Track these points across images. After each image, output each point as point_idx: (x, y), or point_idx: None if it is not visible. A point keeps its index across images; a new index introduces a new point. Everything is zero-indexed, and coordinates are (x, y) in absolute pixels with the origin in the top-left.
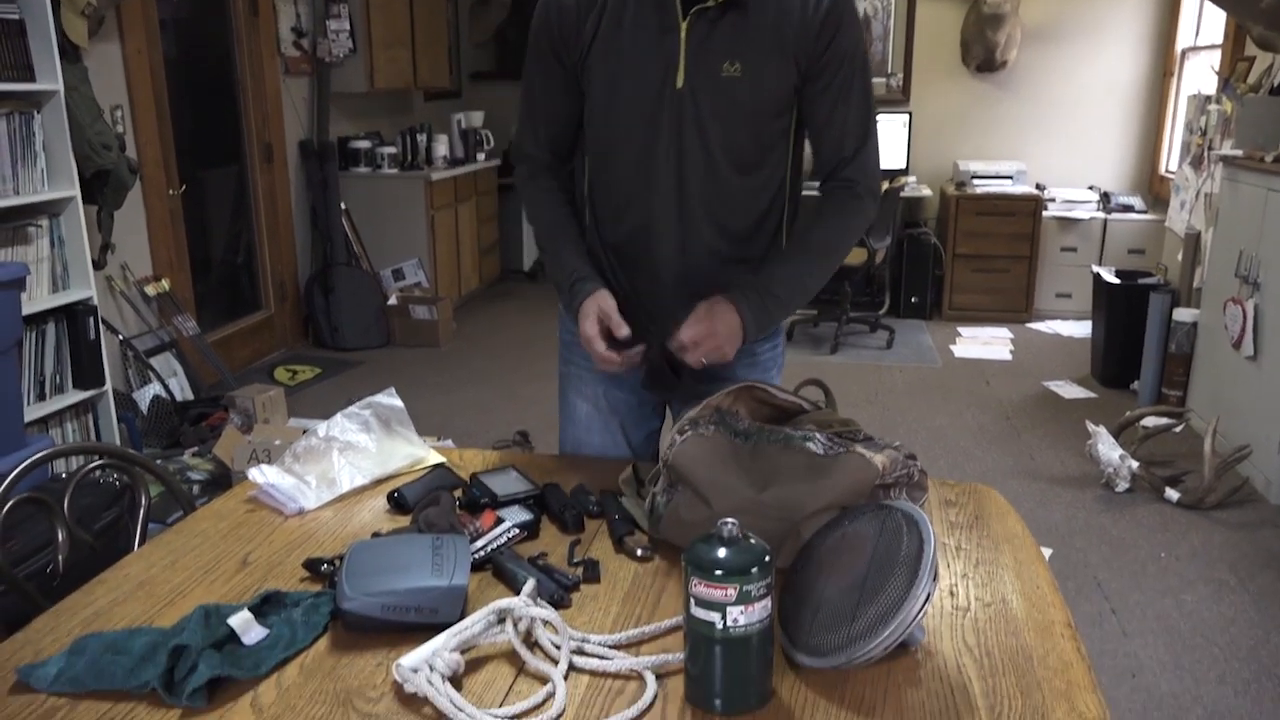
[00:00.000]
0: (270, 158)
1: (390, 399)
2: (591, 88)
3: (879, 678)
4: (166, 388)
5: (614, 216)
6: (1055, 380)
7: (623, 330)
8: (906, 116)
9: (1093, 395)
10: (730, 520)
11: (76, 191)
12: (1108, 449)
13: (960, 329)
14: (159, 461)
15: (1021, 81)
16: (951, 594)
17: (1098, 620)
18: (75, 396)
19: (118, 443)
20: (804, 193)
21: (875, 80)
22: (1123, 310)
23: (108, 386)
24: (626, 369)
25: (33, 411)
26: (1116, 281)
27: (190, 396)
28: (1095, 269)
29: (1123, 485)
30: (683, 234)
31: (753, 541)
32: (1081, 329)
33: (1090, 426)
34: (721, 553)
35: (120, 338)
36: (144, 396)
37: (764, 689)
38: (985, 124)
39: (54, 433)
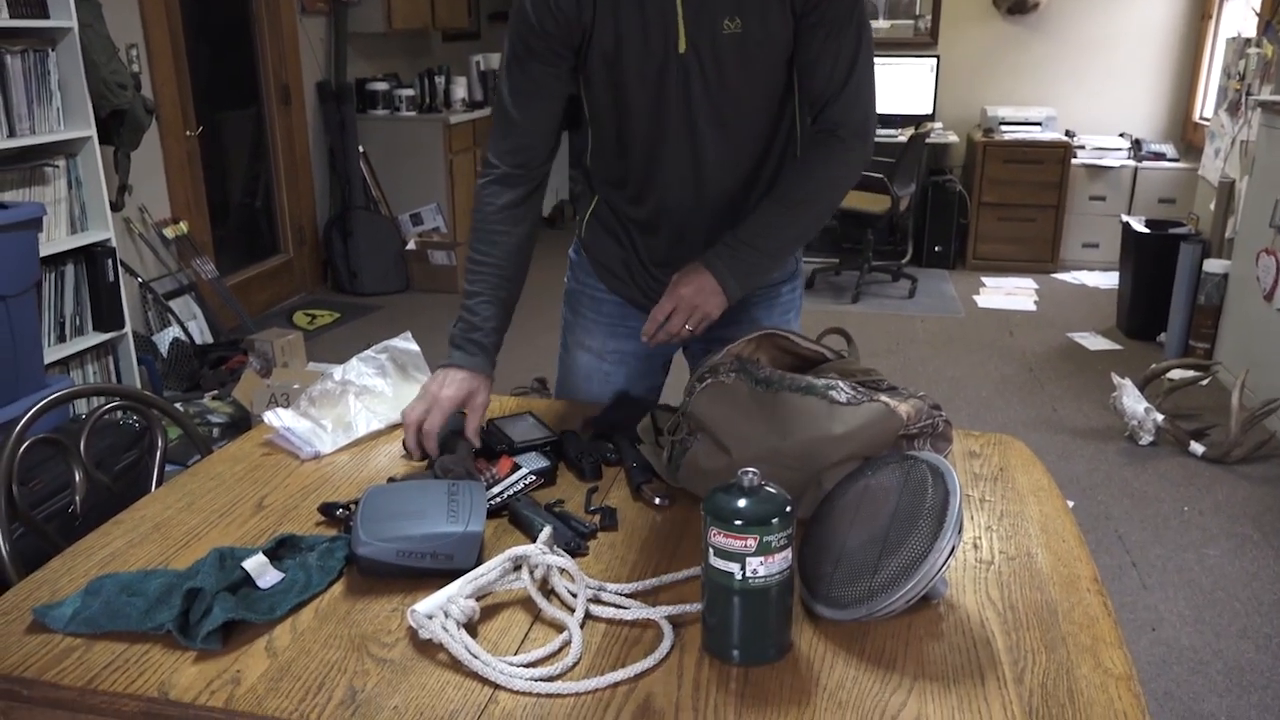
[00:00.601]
0: (288, 99)
1: (406, 343)
2: (593, 70)
3: (900, 631)
4: (186, 331)
5: (627, 191)
6: (1080, 332)
7: (432, 448)
8: (934, 60)
9: (1118, 347)
10: (751, 470)
11: (93, 131)
12: (1132, 401)
13: (984, 279)
14: (178, 405)
15: (1053, 24)
16: (975, 547)
17: (1118, 573)
18: (95, 338)
19: (138, 385)
20: None
21: (902, 22)
22: (1151, 261)
23: (127, 329)
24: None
25: (53, 353)
26: (1146, 231)
27: (210, 340)
28: (1124, 218)
29: (1147, 438)
30: (701, 195)
31: (773, 491)
32: (1108, 280)
33: (1115, 379)
34: (742, 502)
35: (139, 280)
36: (164, 339)
37: (782, 641)
38: (1015, 68)
39: (75, 374)
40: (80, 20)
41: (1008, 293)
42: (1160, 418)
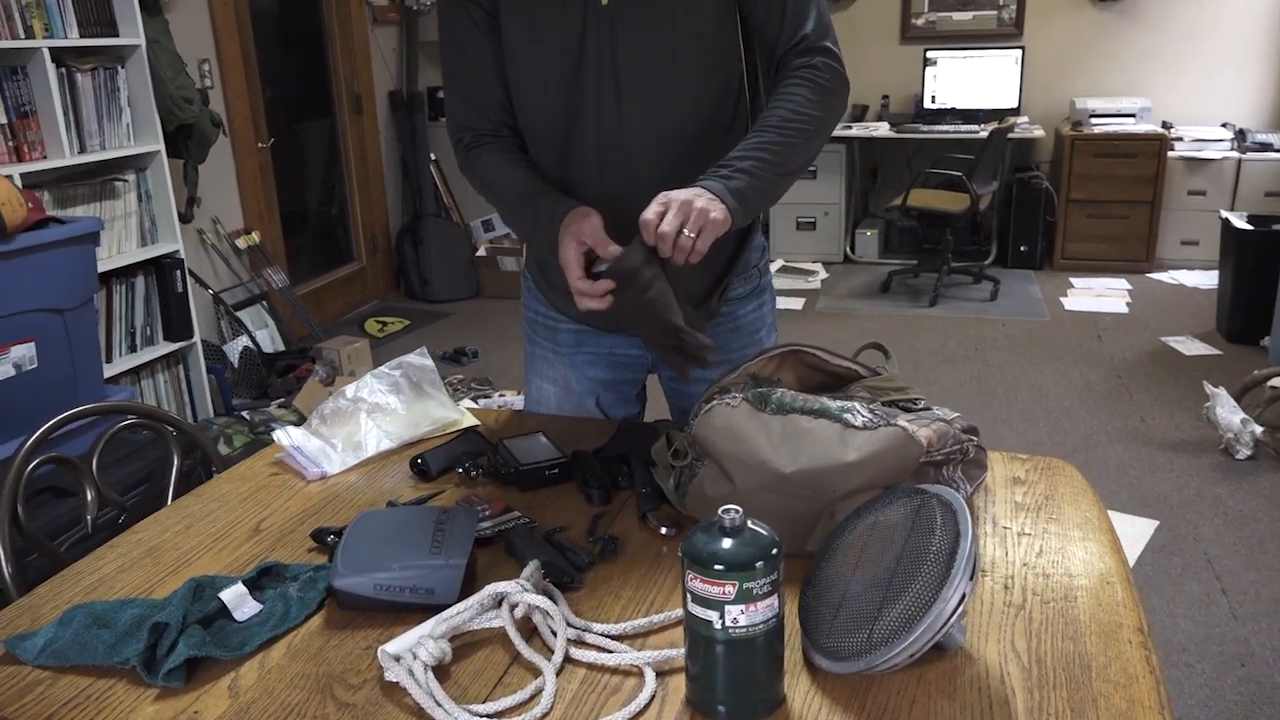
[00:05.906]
0: (360, 109)
1: (421, 359)
2: (510, 36)
3: (908, 685)
4: (254, 340)
5: (555, 167)
6: (1175, 335)
7: (610, 249)
8: (1019, 52)
9: (1217, 352)
10: (733, 507)
11: (161, 146)
12: (1227, 412)
13: (1073, 280)
14: (245, 413)
15: (1147, 9)
16: (1006, 588)
17: (1205, 602)
18: (165, 348)
19: (208, 394)
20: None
21: (985, 13)
22: (1255, 259)
23: (196, 338)
24: (608, 305)
25: (125, 363)
26: (1248, 227)
27: (281, 348)
28: (1224, 214)
29: (1244, 452)
30: (631, 170)
31: (760, 531)
32: (1208, 280)
33: (1208, 388)
34: (723, 544)
35: (211, 291)
36: (234, 349)
37: (771, 695)
38: (1106, 58)
39: (145, 383)
40: (148, 37)
41: (1098, 294)
42: (1259, 430)
